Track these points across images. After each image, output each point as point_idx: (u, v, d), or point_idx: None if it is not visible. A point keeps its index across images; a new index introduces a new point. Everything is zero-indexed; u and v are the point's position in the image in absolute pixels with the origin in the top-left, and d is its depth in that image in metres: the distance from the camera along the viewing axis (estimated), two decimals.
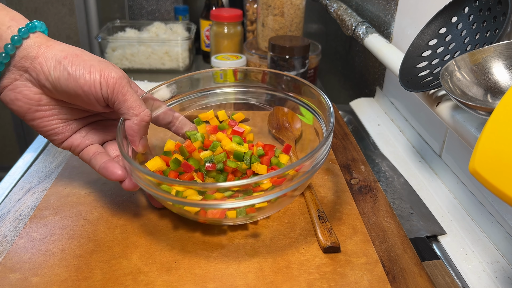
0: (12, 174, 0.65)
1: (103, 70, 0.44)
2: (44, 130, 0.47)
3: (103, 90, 0.44)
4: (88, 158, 0.49)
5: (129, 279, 0.43)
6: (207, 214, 0.45)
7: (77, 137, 0.49)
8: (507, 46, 0.44)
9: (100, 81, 0.44)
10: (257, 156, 0.55)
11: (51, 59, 0.43)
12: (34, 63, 0.43)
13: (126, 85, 0.45)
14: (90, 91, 0.44)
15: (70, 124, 0.48)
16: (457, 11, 0.54)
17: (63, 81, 0.43)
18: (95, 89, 0.44)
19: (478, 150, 0.33)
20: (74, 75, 0.43)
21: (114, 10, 1.81)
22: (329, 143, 0.47)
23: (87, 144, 0.49)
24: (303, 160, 0.43)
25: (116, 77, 0.44)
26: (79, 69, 0.43)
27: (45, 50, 0.44)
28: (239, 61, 0.98)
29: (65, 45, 0.46)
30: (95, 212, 0.52)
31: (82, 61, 0.44)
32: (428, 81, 0.53)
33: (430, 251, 0.52)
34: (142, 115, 0.46)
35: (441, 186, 0.64)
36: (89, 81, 0.43)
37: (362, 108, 0.89)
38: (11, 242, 0.48)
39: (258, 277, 0.44)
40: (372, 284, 0.43)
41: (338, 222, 0.52)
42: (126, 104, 0.45)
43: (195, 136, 0.55)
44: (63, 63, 0.43)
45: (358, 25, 0.83)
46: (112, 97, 0.45)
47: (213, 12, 1.05)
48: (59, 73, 0.43)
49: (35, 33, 0.44)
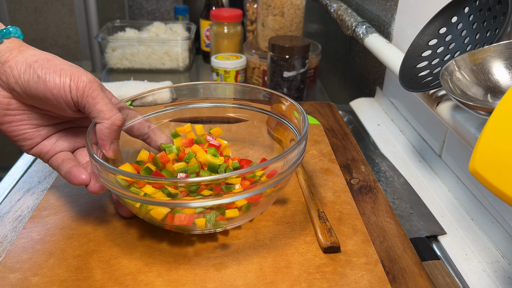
0: (12, 174, 0.65)
1: (73, 74, 0.44)
2: (12, 135, 0.46)
3: (72, 93, 0.44)
4: (57, 165, 0.48)
5: (129, 279, 0.43)
6: (174, 221, 0.44)
7: (46, 144, 0.48)
8: (507, 46, 0.44)
9: (70, 85, 0.43)
10: (232, 169, 0.54)
11: (22, 63, 0.43)
12: (4, 67, 0.43)
13: (97, 89, 0.45)
14: (60, 94, 0.43)
15: (40, 131, 0.48)
16: (457, 11, 0.54)
17: (33, 84, 0.43)
18: (65, 93, 0.43)
19: (478, 150, 0.33)
20: (43, 78, 0.43)
21: (114, 10, 1.81)
22: (302, 147, 0.47)
23: (56, 151, 0.49)
24: (272, 160, 0.43)
25: (86, 80, 0.44)
26: (49, 72, 0.43)
27: (16, 54, 0.44)
28: (239, 61, 0.98)
29: (38, 50, 0.45)
30: (95, 212, 0.52)
31: (52, 65, 0.44)
32: (428, 81, 0.53)
33: (430, 251, 0.52)
34: (113, 118, 0.45)
35: (441, 186, 0.64)
36: (59, 85, 0.43)
37: (362, 108, 0.89)
38: (11, 242, 0.48)
39: (258, 277, 0.44)
40: (372, 284, 0.43)
41: (338, 222, 0.52)
42: (96, 107, 0.45)
43: (170, 148, 0.54)
44: (34, 67, 0.43)
45: (358, 25, 0.83)
46: (82, 100, 0.44)
47: (213, 12, 1.05)
48: (29, 76, 0.43)
49: (9, 39, 0.44)
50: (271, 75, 0.89)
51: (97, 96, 0.44)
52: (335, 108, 0.83)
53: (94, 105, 0.45)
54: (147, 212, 0.44)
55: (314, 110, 0.81)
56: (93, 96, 0.44)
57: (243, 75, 1.00)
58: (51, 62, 0.44)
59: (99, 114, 0.45)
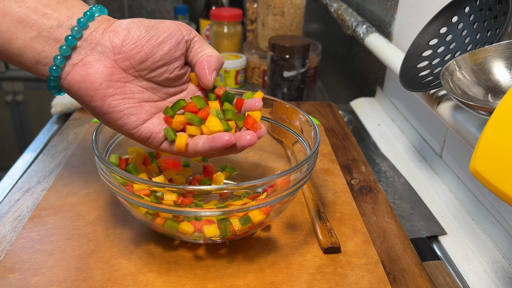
0: (11, 174, 0.65)
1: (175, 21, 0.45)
2: (116, 110, 0.42)
3: (183, 30, 0.44)
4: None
5: (128, 279, 0.43)
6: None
7: (155, 123, 0.44)
8: (508, 46, 0.44)
9: (178, 26, 0.44)
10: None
11: (123, 26, 0.43)
12: (106, 32, 0.42)
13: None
14: (172, 32, 0.43)
15: (143, 106, 0.44)
16: (457, 11, 0.54)
17: (144, 33, 0.42)
18: (176, 30, 0.44)
19: (479, 150, 0.33)
20: (152, 25, 0.43)
21: (114, 9, 1.81)
22: (312, 164, 0.46)
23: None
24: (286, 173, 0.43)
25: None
26: (154, 22, 0.44)
27: (114, 22, 0.43)
28: (239, 61, 0.98)
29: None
30: (94, 212, 0.52)
31: (150, 20, 0.44)
32: (428, 81, 0.53)
33: (430, 252, 0.52)
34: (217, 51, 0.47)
35: (441, 186, 0.64)
36: (169, 25, 0.44)
37: (362, 108, 0.89)
38: (11, 242, 0.48)
39: (258, 277, 0.43)
40: (372, 285, 0.43)
41: (338, 223, 0.51)
42: (204, 42, 0.46)
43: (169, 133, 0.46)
44: (136, 22, 0.43)
45: (359, 25, 0.83)
46: (192, 35, 0.45)
47: (213, 11, 1.05)
48: (137, 28, 0.43)
49: (100, 16, 0.44)
50: (271, 75, 0.89)
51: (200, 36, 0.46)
52: (335, 108, 0.83)
53: (202, 40, 0.46)
54: (167, 225, 0.44)
55: (314, 110, 0.81)
56: (198, 35, 0.46)
57: (243, 75, 1.00)
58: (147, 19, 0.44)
59: (208, 47, 0.46)
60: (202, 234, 0.44)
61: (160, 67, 0.43)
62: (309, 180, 0.57)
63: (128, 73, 0.43)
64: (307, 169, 0.45)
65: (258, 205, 0.42)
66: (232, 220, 0.43)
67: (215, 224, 0.43)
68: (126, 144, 0.52)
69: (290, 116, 0.54)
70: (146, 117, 0.44)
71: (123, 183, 0.43)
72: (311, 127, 0.50)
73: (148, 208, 0.42)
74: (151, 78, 0.44)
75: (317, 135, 0.48)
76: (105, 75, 0.42)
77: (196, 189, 0.44)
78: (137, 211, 0.44)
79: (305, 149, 0.52)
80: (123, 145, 0.52)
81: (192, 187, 0.47)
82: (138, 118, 0.43)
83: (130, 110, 0.43)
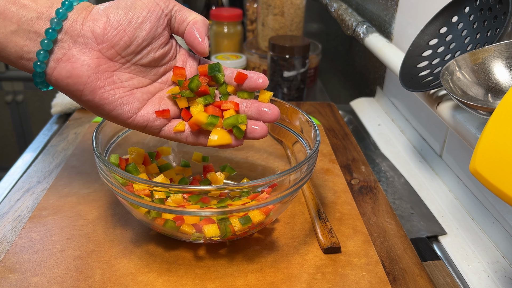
0: (11, 174, 0.65)
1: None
2: (108, 101, 0.42)
3: (160, 3, 0.43)
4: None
5: (128, 279, 0.43)
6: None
7: (150, 110, 0.44)
8: (508, 46, 0.44)
9: (156, 0, 0.43)
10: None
11: (101, 12, 0.42)
12: (86, 22, 0.41)
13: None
14: (151, 7, 0.42)
15: (135, 93, 0.44)
16: (457, 11, 0.54)
17: (122, 16, 0.41)
18: (153, 5, 0.42)
19: (479, 150, 0.33)
20: (131, 2, 0.42)
21: None
22: (312, 164, 0.46)
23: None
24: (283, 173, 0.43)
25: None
26: (132, 1, 0.42)
27: (92, 9, 0.42)
28: (239, 61, 0.98)
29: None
30: (94, 212, 0.52)
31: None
32: (428, 81, 0.53)
33: (430, 252, 0.52)
34: (202, 16, 0.45)
35: (441, 186, 0.64)
36: (146, 1, 0.42)
37: (362, 108, 0.89)
38: (11, 242, 0.48)
39: (258, 277, 0.43)
40: (372, 285, 0.43)
41: (338, 223, 0.51)
42: (185, 10, 0.44)
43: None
44: (113, 5, 0.42)
45: (359, 25, 0.83)
46: (172, 6, 0.44)
47: (213, 11, 1.05)
48: (114, 12, 0.41)
49: (79, 4, 0.43)
50: (271, 75, 0.89)
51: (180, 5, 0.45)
52: (335, 108, 0.83)
53: (182, 8, 0.45)
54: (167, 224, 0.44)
55: (314, 110, 0.81)
56: (177, 3, 0.45)
57: None
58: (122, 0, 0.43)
59: (190, 13, 0.45)
60: (202, 234, 0.44)
61: (145, 47, 0.43)
62: (309, 180, 0.57)
63: (114, 61, 0.42)
64: (307, 169, 0.45)
65: (258, 205, 0.42)
66: (232, 220, 0.43)
67: (215, 224, 0.43)
68: (126, 144, 0.52)
69: (290, 116, 0.54)
70: (139, 105, 0.44)
71: (123, 183, 0.43)
72: (311, 127, 0.50)
73: (148, 208, 0.42)
74: (137, 61, 0.43)
75: (317, 135, 0.48)
76: (92, 67, 0.41)
77: (196, 189, 0.44)
78: (137, 211, 0.44)
79: (305, 149, 0.52)
80: (123, 145, 0.52)
81: (192, 187, 0.48)
82: (131, 107, 0.43)
83: (122, 99, 0.43)
